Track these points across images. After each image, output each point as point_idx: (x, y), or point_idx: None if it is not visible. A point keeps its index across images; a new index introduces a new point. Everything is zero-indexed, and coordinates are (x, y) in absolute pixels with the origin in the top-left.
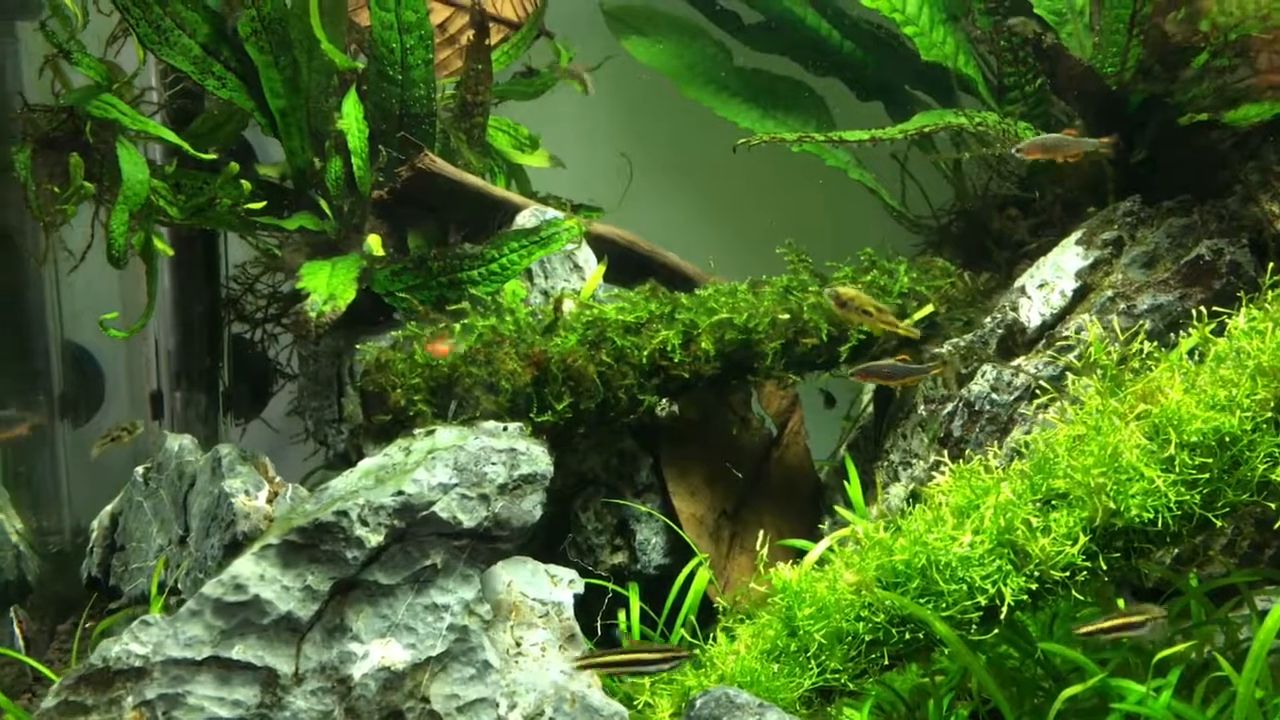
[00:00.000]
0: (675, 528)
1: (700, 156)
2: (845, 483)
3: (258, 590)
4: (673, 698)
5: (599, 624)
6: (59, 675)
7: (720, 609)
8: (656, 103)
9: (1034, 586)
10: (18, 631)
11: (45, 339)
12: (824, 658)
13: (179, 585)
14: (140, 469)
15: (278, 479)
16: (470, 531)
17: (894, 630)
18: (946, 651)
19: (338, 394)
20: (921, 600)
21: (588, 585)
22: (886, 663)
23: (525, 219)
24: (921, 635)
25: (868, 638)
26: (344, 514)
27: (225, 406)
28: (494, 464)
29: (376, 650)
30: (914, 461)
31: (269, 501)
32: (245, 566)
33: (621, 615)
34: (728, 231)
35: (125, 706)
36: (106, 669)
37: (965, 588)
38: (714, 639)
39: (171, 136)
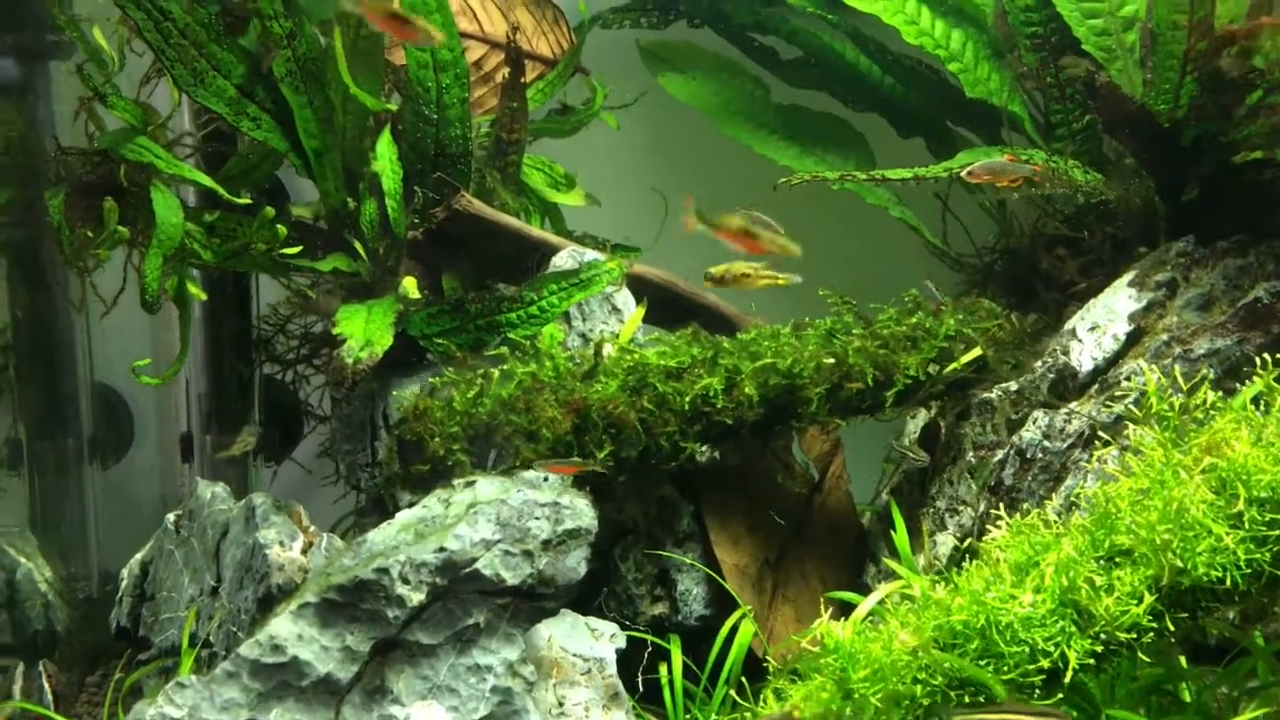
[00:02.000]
0: (718, 578)
1: (738, 195)
2: (890, 530)
3: (296, 651)
4: None
5: (640, 678)
6: None
7: (768, 667)
8: (693, 140)
9: (1099, 649)
10: (46, 686)
11: (75, 381)
12: None
13: (211, 638)
14: (172, 516)
15: (312, 528)
16: (514, 589)
17: (953, 694)
18: None
19: (371, 437)
20: (981, 662)
21: (627, 638)
22: None
23: (563, 260)
24: (981, 698)
25: (925, 701)
26: (385, 571)
27: (256, 448)
28: (538, 519)
29: (418, 713)
30: (961, 509)
31: (304, 552)
32: (283, 626)
33: (662, 669)
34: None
35: None
36: None
37: (1027, 650)
38: (763, 700)
39: (207, 181)
